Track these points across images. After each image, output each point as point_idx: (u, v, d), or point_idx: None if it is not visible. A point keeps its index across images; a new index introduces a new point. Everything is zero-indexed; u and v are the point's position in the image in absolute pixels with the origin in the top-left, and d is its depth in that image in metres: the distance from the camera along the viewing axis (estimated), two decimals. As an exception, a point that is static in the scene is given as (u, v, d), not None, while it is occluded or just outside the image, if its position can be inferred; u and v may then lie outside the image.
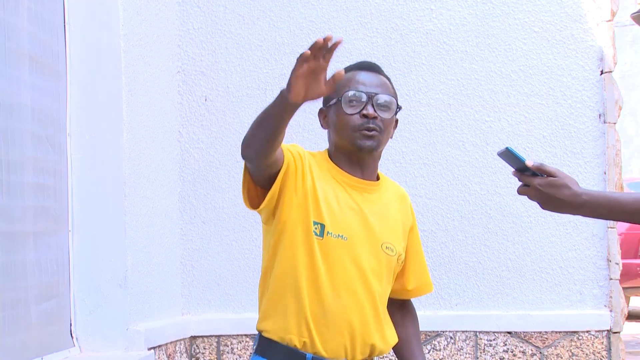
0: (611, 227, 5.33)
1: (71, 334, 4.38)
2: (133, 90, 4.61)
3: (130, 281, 4.46)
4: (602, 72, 5.36)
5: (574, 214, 2.74)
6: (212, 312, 5.40)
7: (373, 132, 2.93)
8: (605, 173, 5.31)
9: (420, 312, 5.35)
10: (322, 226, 2.89)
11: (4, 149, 3.79)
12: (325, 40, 2.54)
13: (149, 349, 4.54)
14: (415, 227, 3.15)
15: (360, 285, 2.90)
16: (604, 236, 5.30)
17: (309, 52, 2.55)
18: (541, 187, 2.66)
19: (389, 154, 5.38)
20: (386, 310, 3.04)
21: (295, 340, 2.88)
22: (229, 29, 5.56)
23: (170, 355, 4.99)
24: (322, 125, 3.08)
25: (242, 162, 5.62)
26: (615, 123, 5.37)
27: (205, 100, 5.53)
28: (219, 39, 5.55)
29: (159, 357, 4.75)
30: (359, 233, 2.92)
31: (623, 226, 9.82)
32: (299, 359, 2.88)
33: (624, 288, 5.66)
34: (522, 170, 2.68)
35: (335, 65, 2.64)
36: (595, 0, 5.37)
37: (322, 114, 3.07)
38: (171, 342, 5.02)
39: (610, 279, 5.32)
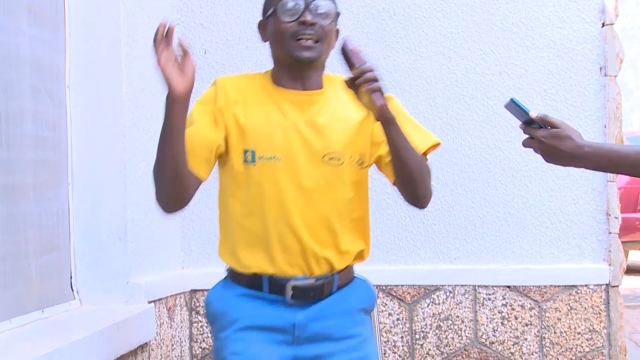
0: (611, 181, 5.33)
1: (71, 287, 4.39)
2: (132, 42, 4.58)
3: (130, 235, 4.47)
4: (603, 25, 5.33)
5: (576, 166, 2.75)
6: (212, 266, 5.41)
7: (310, 42, 2.86)
8: (605, 126, 5.30)
9: (419, 266, 5.41)
10: (253, 152, 2.86)
11: (3, 101, 3.77)
12: (160, 28, 2.61)
13: (149, 302, 4.55)
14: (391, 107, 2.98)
15: (304, 202, 2.87)
16: (603, 190, 5.30)
17: (156, 43, 2.61)
18: (544, 138, 2.67)
19: (389, 108, 5.37)
20: (350, 221, 2.99)
21: (249, 269, 2.91)
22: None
23: (170, 308, 5.00)
24: (262, 39, 3.03)
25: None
26: (616, 76, 5.35)
27: (205, 52, 5.50)
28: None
29: (159, 311, 4.76)
30: (294, 150, 2.87)
31: (623, 180, 9.82)
32: (258, 282, 2.92)
33: (623, 242, 5.67)
34: (527, 123, 2.70)
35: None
36: (597, -48, 5.33)
37: (262, 26, 3.02)
38: (171, 296, 5.04)
39: (610, 232, 5.33)
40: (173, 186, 2.79)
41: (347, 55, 2.71)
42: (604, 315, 5.29)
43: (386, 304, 5.37)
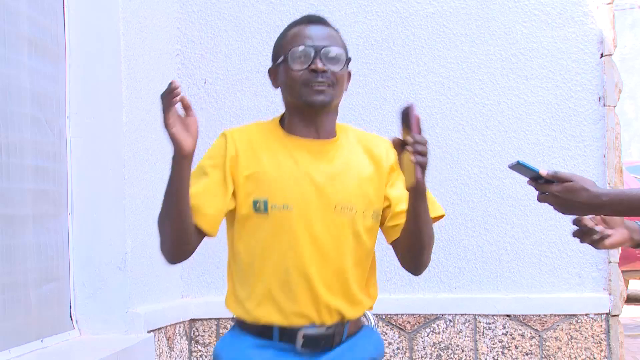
0: (610, 211, 5.32)
1: (71, 317, 4.38)
2: (132, 73, 4.60)
3: (130, 264, 4.47)
4: (602, 55, 5.35)
5: (595, 214, 2.75)
6: (211, 295, 5.41)
7: (322, 87, 2.82)
8: (604, 156, 5.31)
9: (419, 295, 5.40)
10: (265, 201, 2.81)
11: (4, 132, 3.78)
12: (170, 88, 2.59)
13: (149, 331, 4.55)
14: (392, 162, 2.97)
15: (316, 252, 2.82)
16: (603, 219, 5.30)
17: (164, 104, 2.59)
18: (559, 193, 2.66)
19: (388, 138, 5.38)
20: (361, 270, 2.97)
21: (259, 320, 2.87)
22: (228, 12, 5.55)
23: (169, 337, 5.00)
24: (273, 85, 2.97)
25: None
26: (614, 106, 5.37)
27: (205, 83, 5.52)
28: (218, 21, 5.55)
29: (158, 340, 4.76)
30: (306, 199, 2.81)
31: (622, 209, 9.75)
32: (269, 331, 2.88)
33: (623, 271, 5.67)
34: (536, 179, 2.70)
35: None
36: (595, -17, 5.36)
37: (272, 73, 2.95)
38: (171, 325, 5.03)
39: (610, 262, 5.33)
40: (177, 239, 2.77)
41: (406, 118, 2.66)
42: (604, 345, 5.28)
43: (386, 333, 5.36)
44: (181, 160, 2.70)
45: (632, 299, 11.91)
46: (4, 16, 3.83)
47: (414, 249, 2.92)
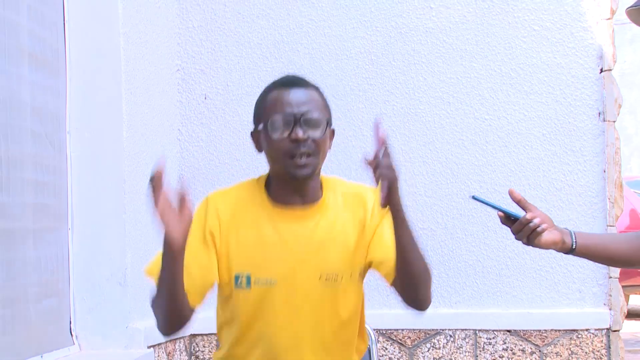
0: (610, 226, 5.33)
1: (71, 332, 4.38)
2: (133, 88, 4.61)
3: (130, 279, 4.46)
4: (601, 70, 5.36)
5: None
6: (211, 311, 5.38)
7: (304, 160, 2.73)
8: (604, 171, 5.31)
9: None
10: (248, 276, 2.76)
11: (4, 146, 3.79)
12: (155, 174, 2.51)
13: (149, 347, 4.54)
14: (382, 223, 2.87)
15: (301, 325, 2.78)
16: (603, 234, 5.30)
17: (151, 189, 2.50)
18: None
19: (388, 152, 5.38)
20: (345, 337, 2.90)
21: None
22: (228, 27, 5.56)
23: (169, 353, 4.99)
24: (256, 149, 2.88)
25: (242, 161, 5.65)
26: (614, 121, 5.37)
27: (205, 98, 5.53)
28: (218, 37, 5.56)
29: (158, 356, 4.75)
30: (290, 272, 2.77)
31: (623, 224, 9.82)
32: None
33: (623, 286, 5.66)
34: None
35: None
36: (595, -2, 5.37)
37: (255, 137, 2.87)
38: (171, 341, 5.02)
39: (610, 277, 5.32)
40: (172, 317, 2.73)
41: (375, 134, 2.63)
42: (605, 360, 5.28)
43: (386, 349, 5.35)
44: (170, 250, 2.57)
45: (632, 314, 11.89)
46: (4, 30, 3.84)
47: (408, 282, 2.77)
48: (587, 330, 5.30)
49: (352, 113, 5.42)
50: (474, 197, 2.69)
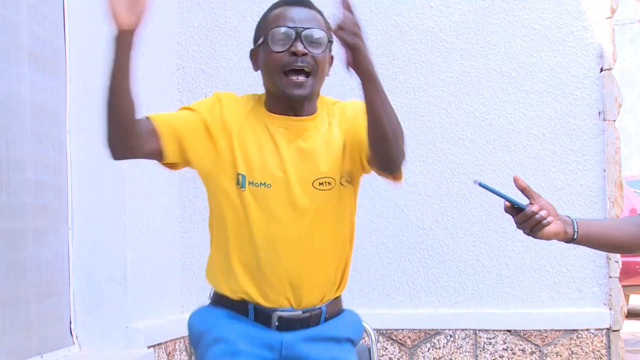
0: (611, 225, 5.32)
1: (71, 332, 4.37)
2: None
3: (130, 279, 4.46)
4: (601, 70, 5.35)
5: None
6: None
7: (302, 78, 2.78)
8: (604, 170, 5.31)
9: (419, 310, 5.40)
10: (243, 177, 2.80)
11: (4, 146, 3.78)
12: None
13: (149, 347, 4.54)
14: (356, 115, 2.87)
15: (295, 231, 2.80)
16: (603, 234, 5.29)
17: None
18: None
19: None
20: (341, 247, 2.92)
21: (235, 294, 2.85)
22: (228, 26, 5.56)
23: (170, 353, 4.98)
24: (253, 67, 2.92)
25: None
26: (614, 120, 5.37)
27: (205, 97, 5.52)
28: (218, 36, 5.55)
29: (158, 356, 4.74)
30: (284, 177, 2.80)
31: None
32: (244, 308, 2.86)
33: (623, 286, 5.66)
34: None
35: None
36: (595, -3, 5.37)
37: (253, 55, 2.92)
38: (171, 340, 5.02)
39: (610, 277, 5.32)
40: (116, 127, 2.72)
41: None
42: (605, 360, 5.27)
43: (386, 348, 5.35)
44: (116, 37, 2.64)
45: (632, 314, 11.90)
46: (4, 29, 3.84)
47: (379, 141, 2.73)
48: (587, 330, 5.30)
49: (352, 112, 5.42)
50: (480, 184, 2.67)
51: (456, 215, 5.39)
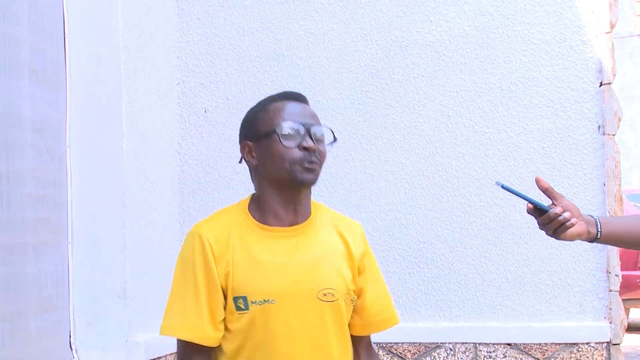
0: (611, 239, 5.32)
1: (70, 346, 4.37)
2: (133, 101, 4.61)
3: (130, 293, 4.46)
4: (601, 84, 5.36)
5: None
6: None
7: (315, 165, 2.71)
8: (604, 184, 5.31)
9: (420, 324, 5.39)
10: (245, 298, 2.70)
11: (4, 160, 3.79)
12: None
13: (148, 360, 4.54)
14: (369, 255, 2.90)
15: (304, 345, 2.71)
16: (603, 248, 5.30)
17: None
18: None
19: (388, 166, 5.39)
20: (344, 352, 2.86)
21: None
22: (228, 41, 5.57)
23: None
24: (246, 160, 2.82)
25: (242, 174, 5.64)
26: (614, 135, 5.37)
27: (205, 112, 5.53)
28: (218, 50, 5.57)
29: (158, 369, 4.75)
30: (288, 290, 2.70)
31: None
32: None
33: (623, 300, 5.66)
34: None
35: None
36: (594, 12, 5.37)
37: (248, 147, 2.82)
38: (170, 354, 5.02)
39: (610, 290, 5.32)
40: None
41: None
42: (605, 374, 5.27)
43: (386, 363, 5.35)
44: None
45: (633, 328, 11.88)
46: (4, 43, 3.85)
47: None
48: (587, 343, 5.30)
49: (352, 126, 5.43)
50: (502, 186, 2.65)
51: (456, 229, 5.39)
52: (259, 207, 2.80)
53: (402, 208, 5.37)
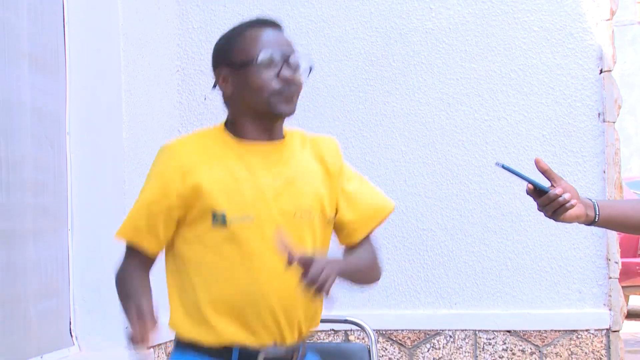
0: (610, 226, 5.32)
1: (70, 333, 4.38)
2: (132, 89, 4.61)
3: (130, 280, 4.46)
4: (601, 71, 5.36)
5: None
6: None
7: (293, 96, 2.71)
8: (604, 172, 5.31)
9: (419, 311, 5.40)
10: (224, 214, 2.66)
11: (4, 148, 3.79)
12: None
13: (149, 347, 4.54)
14: (346, 166, 2.88)
15: (277, 263, 2.61)
16: (603, 235, 5.30)
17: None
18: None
19: (388, 154, 5.39)
20: None
21: (222, 336, 2.75)
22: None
23: (169, 353, 4.98)
24: (221, 87, 2.79)
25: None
26: (614, 122, 5.37)
27: (205, 99, 5.53)
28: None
29: (158, 356, 4.75)
30: (266, 207, 2.68)
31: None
32: (227, 353, 2.75)
33: (623, 287, 5.66)
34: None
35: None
36: (594, -1, 5.38)
37: (223, 74, 2.79)
38: (170, 341, 5.01)
39: (610, 277, 5.32)
40: None
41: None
42: (604, 361, 5.28)
43: (386, 349, 5.36)
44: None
45: (632, 315, 11.89)
46: (4, 31, 3.85)
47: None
48: (587, 330, 5.31)
49: (351, 114, 5.43)
50: (502, 166, 2.64)
51: (456, 217, 5.39)
52: (234, 130, 2.78)
53: (402, 195, 5.37)
